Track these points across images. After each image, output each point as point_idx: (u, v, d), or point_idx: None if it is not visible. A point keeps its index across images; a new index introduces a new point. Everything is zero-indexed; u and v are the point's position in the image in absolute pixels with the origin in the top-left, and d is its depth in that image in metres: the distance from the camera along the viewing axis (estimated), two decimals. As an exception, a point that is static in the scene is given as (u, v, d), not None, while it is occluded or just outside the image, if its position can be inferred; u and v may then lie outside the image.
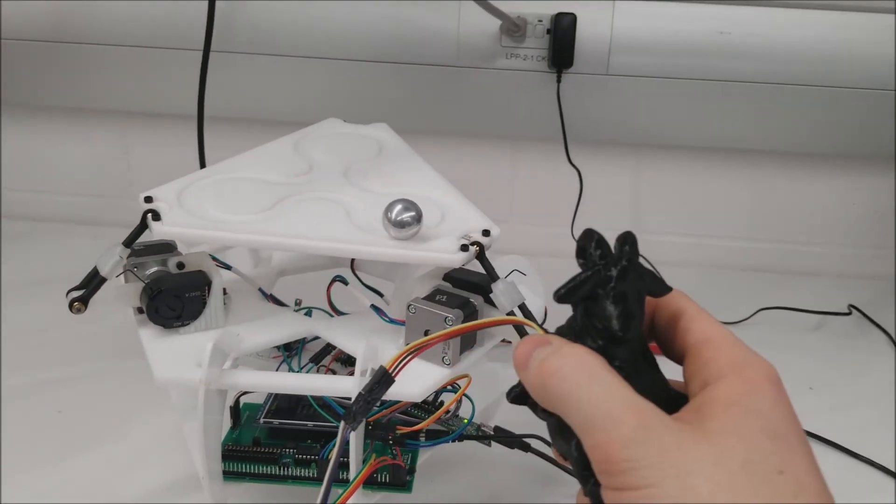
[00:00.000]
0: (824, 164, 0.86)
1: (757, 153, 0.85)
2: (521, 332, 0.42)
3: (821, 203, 0.88)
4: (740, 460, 0.24)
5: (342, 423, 0.36)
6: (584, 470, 0.27)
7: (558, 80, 0.80)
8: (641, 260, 0.29)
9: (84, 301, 0.43)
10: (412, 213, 0.42)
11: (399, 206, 0.42)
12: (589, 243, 0.28)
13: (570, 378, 0.26)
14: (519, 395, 0.30)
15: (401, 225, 0.42)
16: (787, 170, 0.87)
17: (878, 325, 0.76)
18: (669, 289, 0.29)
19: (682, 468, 0.23)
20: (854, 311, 0.79)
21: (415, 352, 0.35)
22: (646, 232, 0.87)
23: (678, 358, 0.29)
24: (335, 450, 0.37)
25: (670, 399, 0.28)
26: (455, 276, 0.45)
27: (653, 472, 0.23)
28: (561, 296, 0.28)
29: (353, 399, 0.35)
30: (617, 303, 0.27)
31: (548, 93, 0.81)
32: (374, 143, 0.57)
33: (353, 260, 0.53)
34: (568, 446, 0.27)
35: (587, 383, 0.26)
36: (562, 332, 0.30)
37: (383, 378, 0.34)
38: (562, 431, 0.27)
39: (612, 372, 0.26)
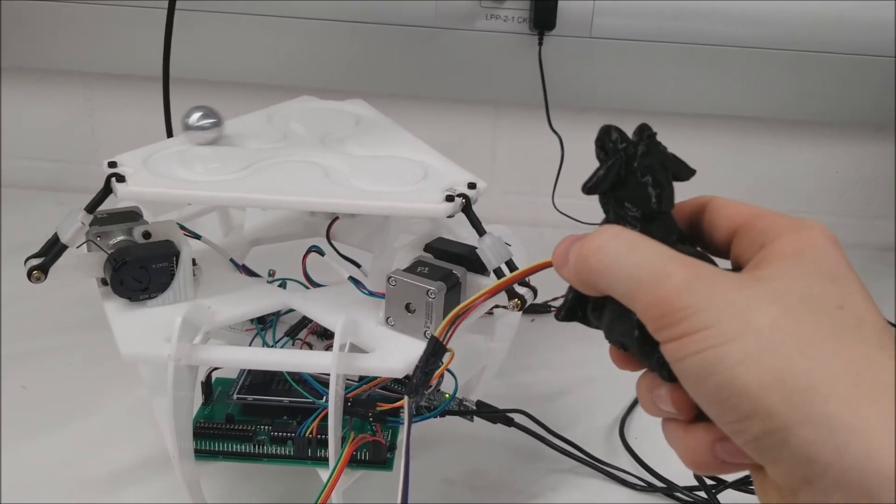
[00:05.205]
0: (812, 132, 0.85)
1: (745, 120, 0.84)
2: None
3: (808, 171, 0.87)
4: (798, 296, 0.24)
5: (406, 399, 0.36)
6: (645, 345, 0.27)
7: (540, 43, 0.78)
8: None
9: (44, 270, 0.42)
10: (212, 120, 0.46)
11: (198, 113, 0.46)
12: (608, 134, 0.28)
13: (612, 250, 0.26)
14: (569, 310, 0.30)
15: (199, 129, 0.45)
16: (775, 137, 0.85)
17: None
18: (693, 171, 0.29)
19: (739, 306, 0.24)
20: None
21: (461, 315, 0.35)
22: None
23: (721, 246, 0.30)
24: (404, 429, 0.36)
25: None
26: (437, 247, 0.44)
27: (709, 314, 0.24)
28: (590, 187, 0.28)
29: (412, 372, 0.36)
30: (646, 178, 0.28)
31: (529, 56, 0.79)
32: (351, 117, 0.55)
33: (329, 229, 0.51)
34: (629, 326, 0.27)
35: (629, 251, 0.26)
36: None
37: (436, 347, 0.35)
38: (619, 316, 0.27)
39: (652, 239, 0.26)
